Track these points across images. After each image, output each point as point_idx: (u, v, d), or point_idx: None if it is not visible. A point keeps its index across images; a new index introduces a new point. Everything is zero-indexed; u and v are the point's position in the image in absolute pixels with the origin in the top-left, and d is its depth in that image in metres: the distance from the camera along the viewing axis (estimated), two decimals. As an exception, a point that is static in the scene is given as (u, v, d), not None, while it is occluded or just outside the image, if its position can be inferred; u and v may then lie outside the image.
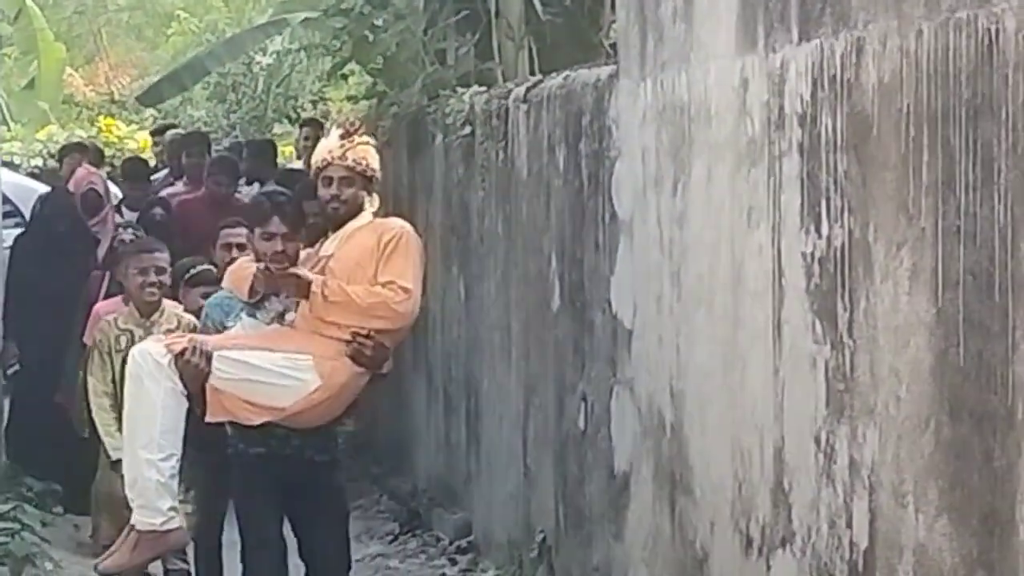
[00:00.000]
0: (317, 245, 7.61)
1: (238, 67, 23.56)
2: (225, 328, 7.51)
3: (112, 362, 8.52)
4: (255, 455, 7.20)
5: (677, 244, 8.54)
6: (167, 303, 9.83)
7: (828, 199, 6.96)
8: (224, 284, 8.04)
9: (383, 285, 7.12)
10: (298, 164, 16.49)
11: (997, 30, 5.43)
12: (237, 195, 14.34)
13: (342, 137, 7.43)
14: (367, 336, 7.07)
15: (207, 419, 7.07)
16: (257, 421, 6.93)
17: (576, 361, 9.74)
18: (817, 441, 6.96)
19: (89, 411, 10.36)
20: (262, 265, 7.43)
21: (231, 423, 7.23)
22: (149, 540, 6.74)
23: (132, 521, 6.82)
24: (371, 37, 15.40)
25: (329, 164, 7.44)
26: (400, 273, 7.15)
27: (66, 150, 17.31)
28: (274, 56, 21.79)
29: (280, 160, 18.36)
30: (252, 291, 7.46)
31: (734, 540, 7.79)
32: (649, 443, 8.80)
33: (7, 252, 14.79)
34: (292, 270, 7.31)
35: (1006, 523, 5.60)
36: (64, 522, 12.54)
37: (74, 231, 13.92)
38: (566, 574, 10.11)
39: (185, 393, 6.77)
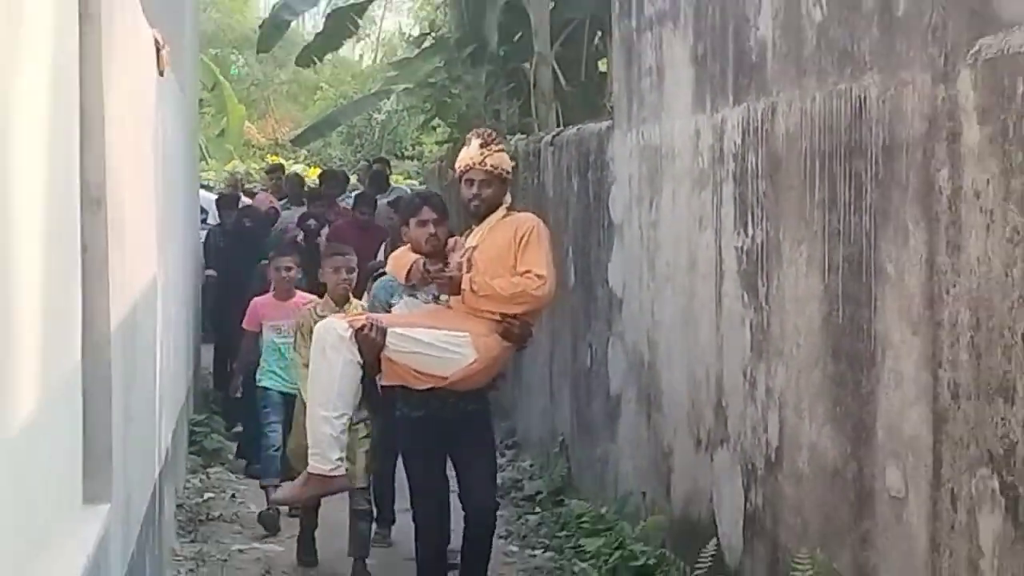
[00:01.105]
0: (464, 235, 6.80)
1: (361, 121, 23.84)
2: (390, 306, 6.78)
3: (310, 341, 7.48)
4: (416, 418, 6.53)
5: (652, 241, 8.71)
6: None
7: (752, 211, 7.10)
8: (387, 270, 7.18)
9: (521, 274, 6.39)
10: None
11: (865, 97, 5.63)
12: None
13: (482, 146, 6.61)
14: (514, 317, 6.37)
15: (382, 383, 6.49)
16: (423, 387, 6.28)
17: (584, 320, 9.83)
18: (744, 374, 7.12)
19: (243, 375, 10.04)
20: (422, 261, 6.64)
21: (400, 389, 6.53)
22: (317, 481, 6.32)
23: (308, 465, 6.36)
24: (449, 101, 15.73)
25: (471, 168, 6.60)
26: (535, 262, 6.40)
27: (272, 173, 17.13)
28: (386, 114, 21.93)
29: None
30: (408, 277, 6.67)
31: (689, 441, 7.93)
32: (633, 375, 8.88)
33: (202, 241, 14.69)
34: (446, 272, 6.53)
35: (869, 429, 5.79)
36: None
37: (256, 231, 13.66)
38: (577, 463, 10.17)
39: (360, 363, 6.12)
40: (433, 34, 18.53)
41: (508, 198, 6.68)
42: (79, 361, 4.44)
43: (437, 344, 6.07)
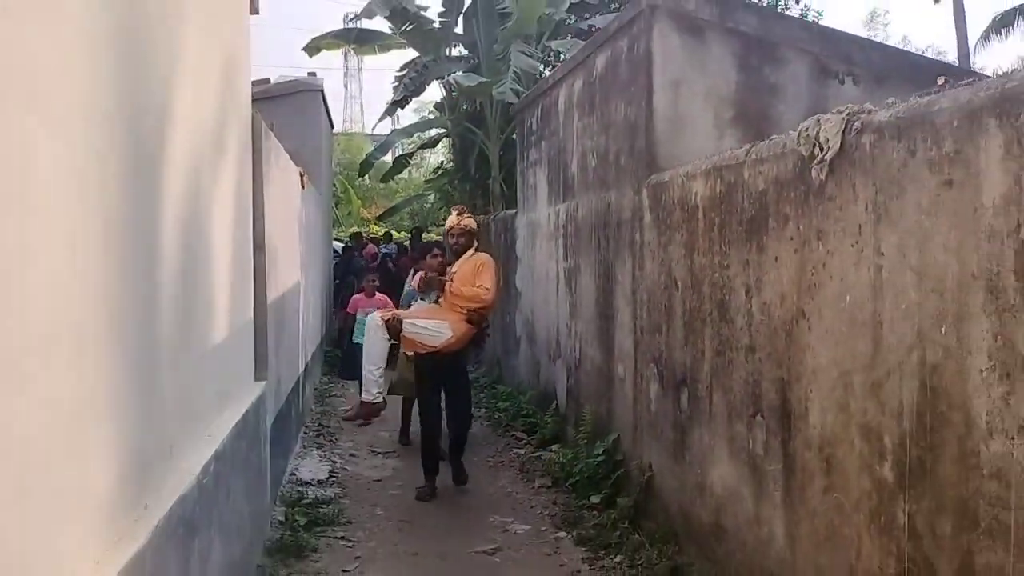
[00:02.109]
0: (450, 266, 6.15)
1: (412, 207, 22.17)
2: (411, 305, 6.28)
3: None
4: (422, 363, 6.02)
5: (531, 265, 8.46)
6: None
7: (569, 251, 7.04)
8: (410, 285, 6.66)
9: (477, 287, 5.85)
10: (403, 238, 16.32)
11: (610, 200, 5.68)
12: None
13: (458, 215, 6.12)
14: (474, 311, 5.82)
15: (403, 349, 6.15)
16: (424, 351, 5.86)
17: (506, 302, 9.32)
18: (567, 326, 7.07)
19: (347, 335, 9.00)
20: (427, 274, 6.17)
21: (415, 352, 6.01)
22: (366, 406, 5.93)
23: (362, 396, 6.06)
24: (451, 198, 15.31)
25: (452, 228, 6.08)
26: (485, 280, 5.85)
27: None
28: (428, 202, 21.09)
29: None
30: (420, 288, 6.23)
31: (546, 357, 7.83)
32: (524, 328, 8.71)
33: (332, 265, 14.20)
34: (438, 279, 6.07)
35: (611, 348, 5.86)
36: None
37: (362, 265, 13.03)
38: (503, 369, 9.88)
39: (389, 338, 5.76)
40: (444, 166, 18.58)
41: (476, 243, 6.14)
42: (251, 317, 4.73)
43: (430, 328, 5.74)
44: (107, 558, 2.07)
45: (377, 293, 8.70)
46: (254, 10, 5.33)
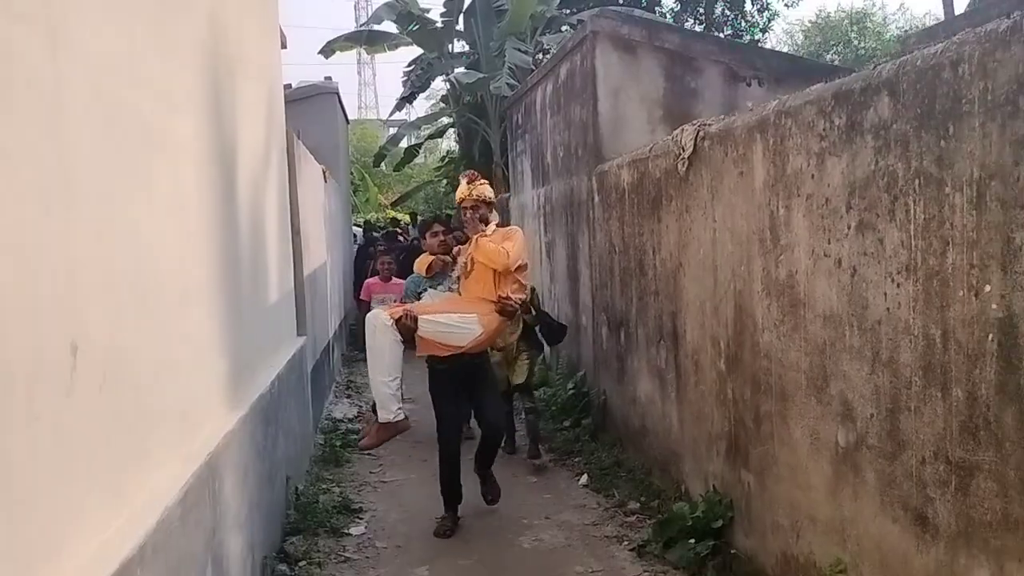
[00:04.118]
0: (464, 245, 5.03)
1: (425, 192, 22.25)
2: (419, 296, 5.10)
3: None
4: (441, 369, 4.85)
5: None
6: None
7: (547, 227, 8.20)
8: (414, 270, 5.42)
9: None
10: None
11: (573, 185, 6.70)
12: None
13: (468, 183, 4.93)
14: (506, 298, 4.62)
15: (417, 354, 4.73)
16: (445, 355, 4.68)
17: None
18: (549, 290, 8.23)
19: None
20: (433, 257, 5.23)
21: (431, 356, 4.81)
22: (386, 427, 4.60)
23: (379, 416, 4.69)
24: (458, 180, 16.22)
25: (463, 199, 4.90)
26: (510, 248, 4.66)
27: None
28: (443, 189, 20.98)
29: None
30: (429, 270, 5.22)
31: None
32: None
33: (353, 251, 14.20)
34: (441, 260, 5.18)
35: (577, 304, 7.16)
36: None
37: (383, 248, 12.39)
38: None
39: (401, 341, 4.52)
40: (450, 154, 19.56)
41: (496, 216, 5.07)
42: (292, 288, 5.97)
43: (454, 324, 4.58)
44: (228, 417, 3.50)
45: (394, 278, 7.67)
46: (283, 45, 6.77)
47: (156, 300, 2.63)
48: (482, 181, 5.01)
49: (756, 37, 17.86)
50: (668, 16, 17.09)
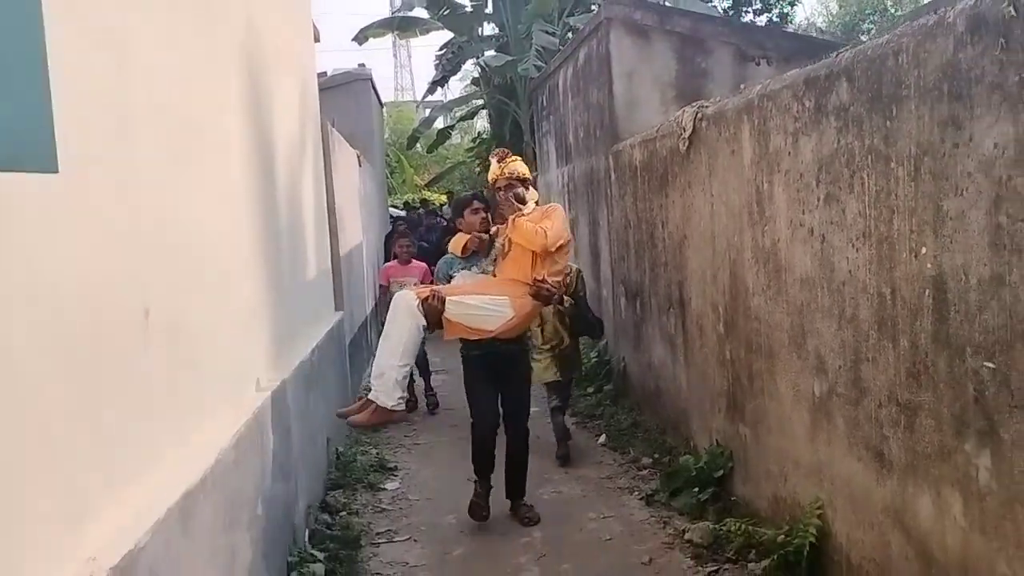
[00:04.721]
0: (502, 227, 4.51)
1: (460, 171, 22.36)
2: (451, 278, 4.62)
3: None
4: (475, 356, 4.59)
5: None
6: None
7: (571, 204, 8.50)
8: (449, 249, 4.90)
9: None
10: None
11: (594, 164, 6.94)
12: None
13: (499, 161, 4.60)
14: (541, 281, 4.21)
15: (445, 337, 4.39)
16: (474, 338, 4.35)
17: None
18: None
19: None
20: (468, 236, 4.73)
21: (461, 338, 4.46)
22: (381, 412, 4.08)
23: (372, 397, 4.13)
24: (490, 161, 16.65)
25: (496, 179, 4.57)
26: (549, 226, 4.23)
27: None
28: (477, 169, 20.74)
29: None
30: (465, 249, 4.73)
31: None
32: None
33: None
34: (480, 237, 4.67)
35: (600, 273, 7.65)
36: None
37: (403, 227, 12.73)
38: None
39: (425, 326, 4.15)
40: (482, 135, 19.91)
41: (535, 193, 4.70)
42: (329, 266, 6.42)
43: (483, 306, 4.20)
44: (273, 376, 3.95)
45: (414, 260, 7.26)
46: (316, 39, 7.16)
47: (209, 275, 3.07)
48: (513, 157, 4.70)
49: (785, 11, 17.85)
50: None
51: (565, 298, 5.37)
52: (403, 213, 15.37)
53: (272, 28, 4.68)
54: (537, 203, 4.64)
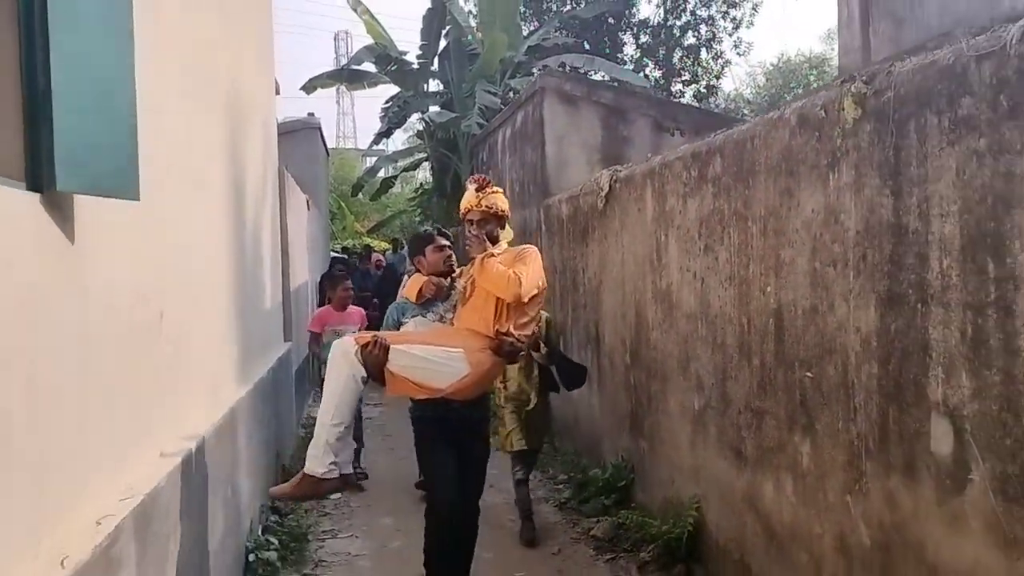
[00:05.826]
0: (464, 268, 3.91)
1: (401, 220, 23.09)
2: (401, 324, 3.95)
3: None
4: (425, 419, 3.87)
5: None
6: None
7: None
8: (402, 293, 4.16)
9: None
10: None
11: (547, 204, 8.07)
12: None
13: (477, 190, 3.82)
14: (506, 334, 3.53)
15: (387, 393, 3.56)
16: (421, 397, 3.59)
17: None
18: None
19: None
20: (425, 279, 3.97)
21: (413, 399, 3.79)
22: (310, 483, 3.42)
23: (306, 466, 3.45)
24: (430, 212, 17.45)
25: (470, 210, 3.82)
26: (523, 271, 3.51)
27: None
28: (418, 219, 20.91)
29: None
30: (419, 296, 3.95)
31: None
32: None
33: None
34: (440, 282, 3.97)
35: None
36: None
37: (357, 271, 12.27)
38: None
39: (365, 377, 3.43)
40: (424, 185, 20.57)
41: (510, 233, 3.98)
42: (280, 300, 6.99)
43: (432, 359, 3.46)
44: (239, 389, 4.55)
45: (351, 307, 6.66)
46: (277, 91, 7.87)
47: (198, 294, 3.71)
48: (495, 188, 3.92)
49: (712, 83, 19.20)
50: (630, 63, 18.38)
51: (540, 343, 4.89)
52: (344, 256, 15.86)
53: (248, 84, 5.36)
54: (510, 244, 3.95)
